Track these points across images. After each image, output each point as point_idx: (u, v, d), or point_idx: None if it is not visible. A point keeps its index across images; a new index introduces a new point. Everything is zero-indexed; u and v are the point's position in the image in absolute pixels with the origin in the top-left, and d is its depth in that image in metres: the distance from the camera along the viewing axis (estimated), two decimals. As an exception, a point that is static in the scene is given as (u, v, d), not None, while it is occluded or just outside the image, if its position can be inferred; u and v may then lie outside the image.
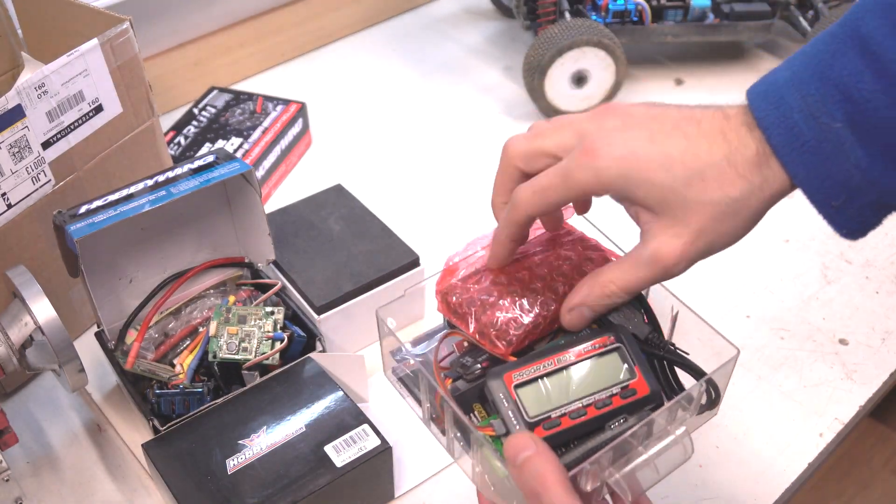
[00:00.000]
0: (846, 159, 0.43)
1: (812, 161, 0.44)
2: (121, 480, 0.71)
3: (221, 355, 0.71)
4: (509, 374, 0.49)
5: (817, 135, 0.43)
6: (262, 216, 0.76)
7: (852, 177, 0.43)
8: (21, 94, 0.68)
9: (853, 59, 0.42)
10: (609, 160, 0.46)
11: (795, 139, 0.43)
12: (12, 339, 0.65)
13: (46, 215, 0.72)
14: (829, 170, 0.44)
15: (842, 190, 0.44)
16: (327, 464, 0.64)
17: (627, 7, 1.10)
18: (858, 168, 0.43)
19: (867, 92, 0.41)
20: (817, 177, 0.44)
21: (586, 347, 0.50)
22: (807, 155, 0.44)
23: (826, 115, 0.43)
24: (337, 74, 1.21)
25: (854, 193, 0.44)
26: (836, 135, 0.43)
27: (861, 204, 0.45)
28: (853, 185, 0.44)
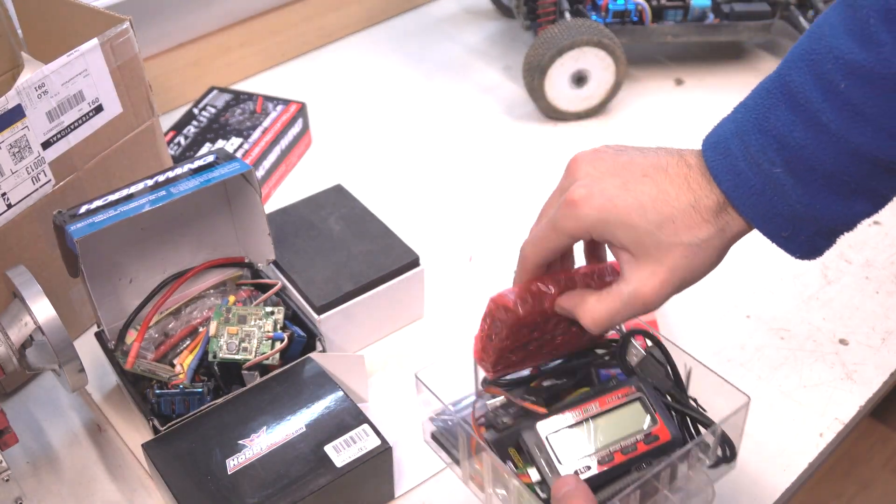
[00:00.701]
0: (788, 198, 0.48)
1: (759, 202, 0.49)
2: (121, 480, 0.71)
3: (221, 355, 0.71)
4: (542, 425, 0.55)
5: (761, 180, 0.49)
6: (262, 216, 0.76)
7: (796, 212, 0.49)
8: (21, 94, 0.68)
9: (785, 112, 0.48)
10: (588, 208, 0.51)
11: (743, 185, 0.49)
12: (12, 339, 0.65)
13: (46, 215, 0.72)
14: (775, 208, 0.49)
15: (788, 223, 0.49)
16: (327, 464, 0.64)
17: (627, 7, 1.10)
18: (800, 204, 0.48)
19: (800, 139, 0.47)
20: (765, 215, 0.49)
21: (611, 398, 0.56)
22: (754, 197, 0.49)
23: (767, 162, 0.48)
24: (337, 74, 1.21)
25: (800, 225, 0.49)
26: (777, 178, 0.48)
27: (809, 234, 0.50)
28: (797, 218, 0.49)
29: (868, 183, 0.47)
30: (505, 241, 0.92)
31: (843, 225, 0.50)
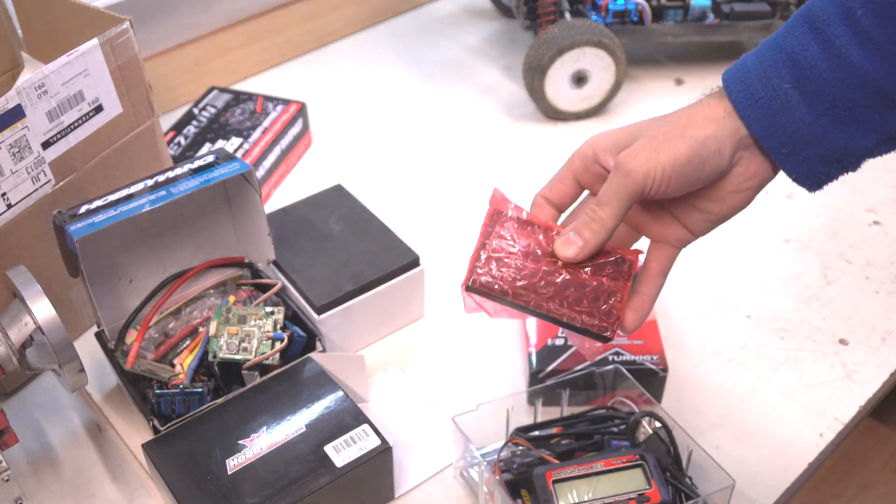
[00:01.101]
0: (793, 114, 0.50)
1: (764, 115, 0.51)
2: (121, 481, 0.71)
3: (221, 355, 0.71)
4: (550, 472, 0.62)
5: (768, 93, 0.51)
6: (262, 216, 0.76)
7: (798, 129, 0.50)
8: (21, 94, 0.68)
9: (803, 32, 0.50)
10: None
11: (751, 95, 0.52)
12: (12, 339, 0.65)
13: (46, 215, 0.72)
14: (778, 122, 0.51)
15: (789, 140, 0.51)
16: (327, 464, 0.64)
17: (627, 7, 1.10)
18: (803, 123, 0.50)
19: (812, 59, 0.49)
20: (768, 128, 0.51)
21: (616, 461, 0.62)
22: (760, 110, 0.51)
23: (776, 77, 0.51)
24: (337, 74, 1.21)
25: (800, 144, 0.51)
26: (785, 94, 0.50)
27: (808, 155, 0.51)
28: (799, 137, 0.51)
29: (871, 115, 0.49)
30: (505, 241, 0.92)
31: (842, 154, 0.51)
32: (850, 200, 0.97)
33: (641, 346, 0.75)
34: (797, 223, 0.94)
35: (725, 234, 0.93)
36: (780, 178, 0.55)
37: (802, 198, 0.97)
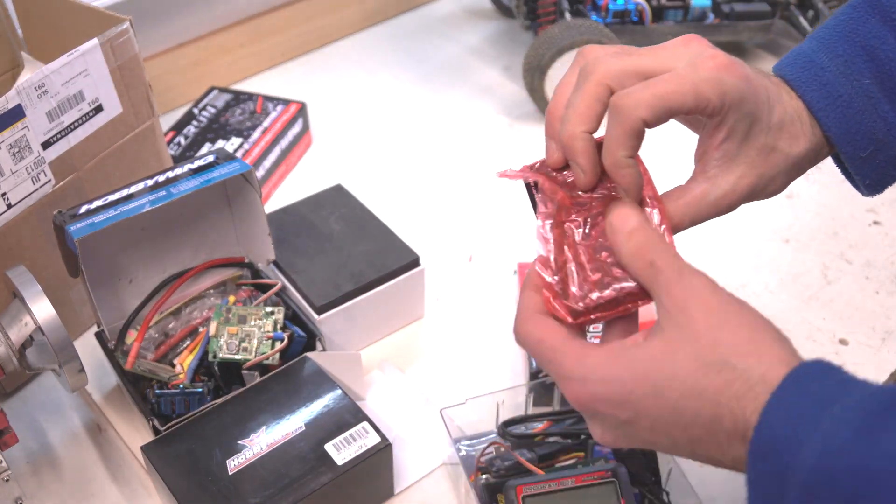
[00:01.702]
0: (874, 112, 0.47)
1: (845, 115, 0.47)
2: (121, 481, 0.71)
3: (221, 355, 0.71)
4: (521, 487, 0.62)
5: (849, 90, 0.47)
6: (262, 216, 0.76)
7: (879, 129, 0.47)
8: (21, 94, 0.68)
9: (876, 24, 0.46)
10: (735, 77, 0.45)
11: (831, 94, 0.47)
12: (12, 339, 0.65)
13: (46, 215, 0.72)
14: (859, 123, 0.47)
15: (870, 142, 0.47)
16: (328, 462, 0.64)
17: (627, 7, 1.10)
18: (885, 121, 0.47)
19: (891, 52, 0.46)
20: (849, 131, 0.47)
21: (587, 477, 0.62)
22: (840, 109, 0.47)
23: (856, 73, 0.47)
24: (337, 74, 1.21)
25: (880, 146, 0.48)
26: (867, 90, 0.47)
27: (886, 157, 0.48)
28: (879, 137, 0.47)
29: None
30: (505, 241, 0.92)
31: None
32: (850, 200, 0.97)
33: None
34: (797, 223, 0.94)
35: (725, 234, 0.93)
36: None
37: (802, 198, 0.97)
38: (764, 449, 0.39)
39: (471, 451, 0.70)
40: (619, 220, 0.45)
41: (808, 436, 0.37)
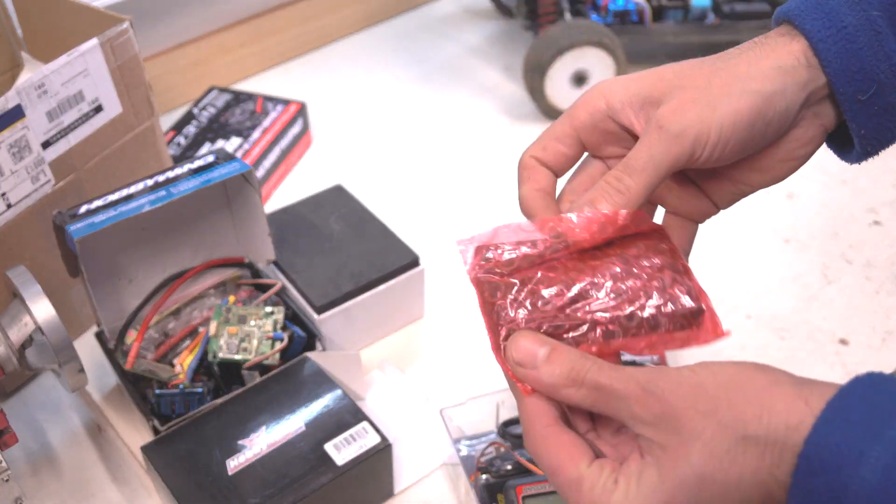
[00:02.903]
0: (880, 48, 0.42)
1: (847, 48, 0.42)
2: (121, 481, 0.71)
3: (221, 355, 0.71)
4: (521, 487, 0.61)
5: (855, 20, 0.42)
6: (262, 216, 0.76)
7: (882, 70, 0.43)
8: (21, 94, 0.68)
9: None
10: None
11: (832, 23, 0.43)
12: (12, 339, 0.65)
13: (46, 215, 0.72)
14: (861, 60, 0.42)
15: (870, 82, 0.43)
16: (328, 462, 0.64)
17: (628, 7, 1.10)
18: (890, 61, 0.42)
19: None
20: (849, 66, 0.43)
21: None
22: (843, 42, 0.42)
23: (864, 3, 0.43)
24: (337, 74, 1.21)
25: (881, 90, 0.43)
26: (874, 23, 0.42)
27: (886, 103, 0.43)
28: (882, 79, 0.43)
29: None
30: (505, 241, 0.92)
31: None
32: (850, 200, 0.97)
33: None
34: (797, 223, 0.94)
35: (725, 234, 0.93)
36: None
37: (802, 198, 0.97)
38: (815, 464, 0.35)
39: (471, 451, 0.70)
40: (524, 354, 0.42)
41: (869, 447, 0.33)
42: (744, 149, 0.43)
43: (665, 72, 0.45)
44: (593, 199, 0.42)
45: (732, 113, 0.41)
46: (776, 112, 0.42)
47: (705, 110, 0.41)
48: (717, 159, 0.43)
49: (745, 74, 0.42)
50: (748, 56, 0.44)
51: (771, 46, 0.44)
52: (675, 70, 0.45)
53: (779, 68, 0.43)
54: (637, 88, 0.45)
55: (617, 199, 0.42)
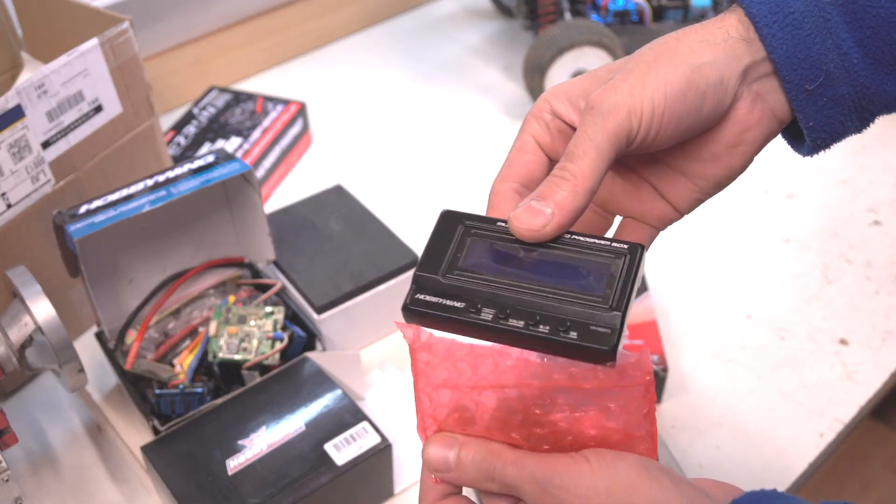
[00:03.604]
0: (829, 37, 0.41)
1: (793, 35, 0.41)
2: (121, 481, 0.71)
3: (221, 355, 0.71)
4: None
5: (803, 7, 0.41)
6: (262, 216, 0.76)
7: (831, 59, 0.41)
8: (21, 93, 0.68)
9: None
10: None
11: (779, 9, 0.41)
12: (12, 339, 0.65)
13: (46, 215, 0.72)
14: (808, 48, 0.41)
15: (818, 72, 0.41)
16: (328, 462, 0.64)
17: (627, 7, 1.10)
18: (839, 50, 0.41)
19: None
20: (795, 53, 0.41)
21: None
22: (789, 28, 0.41)
23: None
24: (337, 74, 1.21)
25: (829, 80, 0.41)
26: (824, 10, 0.41)
27: (835, 95, 0.42)
28: (830, 69, 0.41)
29: None
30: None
31: (869, 101, 0.42)
32: (850, 200, 0.97)
33: (641, 347, 0.75)
34: (797, 223, 0.94)
35: (725, 234, 0.93)
36: (780, 177, 0.54)
37: (802, 198, 0.97)
38: None
39: None
40: (437, 461, 0.41)
41: None
42: (682, 124, 0.41)
43: (602, 70, 0.44)
44: (541, 195, 0.40)
45: (662, 84, 0.40)
46: (708, 83, 0.41)
47: (635, 87, 0.40)
48: (658, 136, 0.41)
49: (673, 50, 0.41)
50: (678, 34, 0.43)
51: (703, 24, 0.43)
52: (611, 66, 0.44)
53: (706, 41, 0.42)
54: (577, 87, 0.44)
55: (564, 188, 0.40)
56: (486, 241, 0.42)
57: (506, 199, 0.44)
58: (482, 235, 0.42)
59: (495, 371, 0.40)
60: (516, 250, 0.41)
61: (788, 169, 1.00)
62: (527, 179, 0.44)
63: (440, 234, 0.43)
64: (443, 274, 0.41)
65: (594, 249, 0.40)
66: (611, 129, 0.40)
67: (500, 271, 0.40)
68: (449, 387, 0.41)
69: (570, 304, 0.38)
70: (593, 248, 0.40)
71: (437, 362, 0.42)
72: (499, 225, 0.42)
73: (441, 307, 0.40)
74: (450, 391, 0.41)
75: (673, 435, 0.73)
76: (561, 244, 0.40)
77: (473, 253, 0.41)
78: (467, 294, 0.40)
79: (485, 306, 0.40)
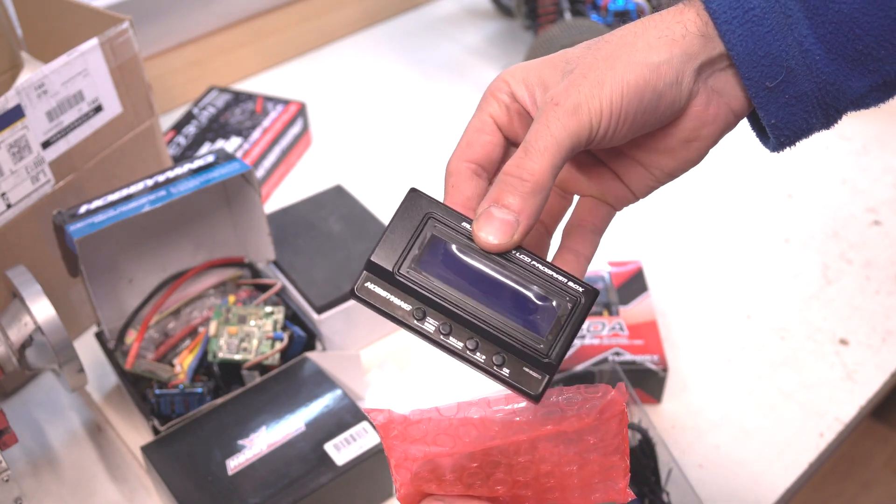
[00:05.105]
0: (789, 33, 0.40)
1: (752, 31, 0.40)
2: (121, 481, 0.71)
3: (221, 355, 0.71)
4: None
5: (763, 2, 0.40)
6: (262, 216, 0.76)
7: (792, 56, 0.41)
8: (21, 93, 0.68)
9: None
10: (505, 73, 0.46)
11: (739, 5, 0.41)
12: (12, 339, 0.65)
13: (46, 215, 0.72)
14: (769, 44, 0.40)
15: (778, 69, 0.41)
16: (328, 462, 0.64)
17: (628, 7, 1.10)
18: (800, 47, 0.40)
19: None
20: (755, 49, 0.41)
21: None
22: (748, 25, 0.40)
23: None
24: (337, 74, 1.21)
25: (791, 76, 0.41)
26: (785, 6, 0.40)
27: (798, 92, 0.41)
28: (791, 66, 0.41)
29: (880, 50, 0.40)
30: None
31: (833, 98, 0.42)
32: (850, 200, 0.97)
33: (641, 346, 0.75)
34: (797, 223, 0.94)
35: (725, 234, 0.93)
36: (780, 177, 0.54)
37: (802, 198, 0.97)
38: None
39: None
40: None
41: None
42: (638, 122, 0.41)
43: (558, 57, 0.44)
44: (497, 198, 0.40)
45: (620, 84, 0.40)
46: (666, 82, 0.40)
47: (594, 86, 0.40)
48: (615, 134, 0.41)
49: (632, 45, 0.41)
50: (637, 27, 0.42)
51: (662, 16, 0.42)
52: (568, 55, 0.43)
53: (664, 37, 0.41)
54: (534, 71, 0.44)
55: (522, 189, 0.39)
56: (446, 241, 0.41)
57: (464, 178, 0.44)
58: (444, 234, 0.41)
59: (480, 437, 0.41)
60: (474, 257, 0.40)
61: (788, 169, 1.00)
62: (484, 160, 0.44)
63: (403, 219, 0.42)
64: (397, 267, 0.40)
65: (550, 282, 0.40)
66: (573, 128, 0.39)
67: (452, 280, 0.40)
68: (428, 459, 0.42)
69: (510, 338, 0.39)
70: (549, 281, 0.40)
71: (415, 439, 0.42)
72: (463, 226, 0.41)
73: (388, 304, 0.40)
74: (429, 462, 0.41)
75: (673, 435, 0.73)
76: (519, 264, 0.40)
77: (431, 252, 0.41)
78: (416, 296, 0.40)
79: (430, 315, 0.40)
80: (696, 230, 0.93)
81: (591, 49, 0.42)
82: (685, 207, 0.96)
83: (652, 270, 0.86)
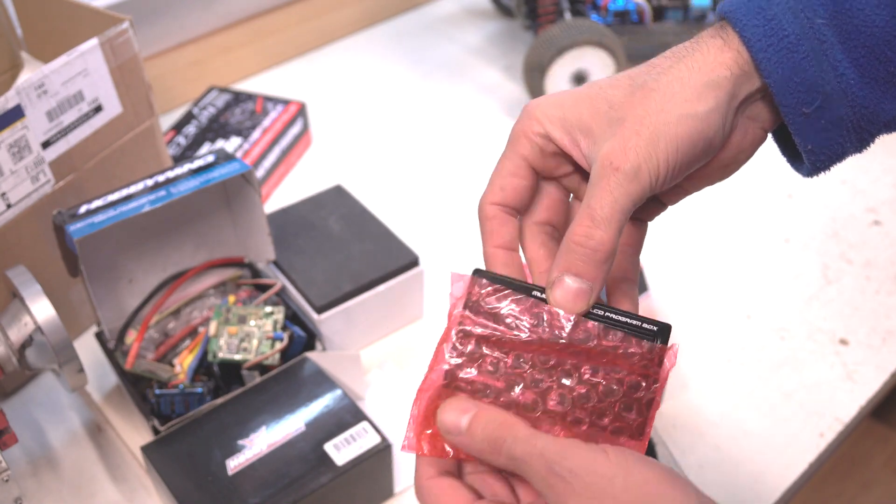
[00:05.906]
0: (824, 59, 0.41)
1: (788, 58, 0.41)
2: (121, 481, 0.71)
3: (221, 355, 0.71)
4: None
5: (798, 28, 0.41)
6: (262, 216, 0.76)
7: (828, 81, 0.41)
8: (21, 93, 0.68)
9: None
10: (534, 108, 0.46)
11: (773, 31, 0.41)
12: (12, 339, 0.65)
13: (46, 215, 0.72)
14: (804, 71, 0.41)
15: (815, 95, 0.41)
16: (328, 462, 0.64)
17: (627, 7, 1.10)
18: (835, 72, 0.41)
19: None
20: (791, 76, 0.41)
21: None
22: (784, 52, 0.41)
23: (808, 10, 0.41)
24: (337, 74, 1.21)
25: (827, 102, 0.41)
26: (819, 31, 0.40)
27: (833, 117, 0.42)
28: (827, 91, 0.41)
29: None
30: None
31: (867, 121, 0.42)
32: (850, 200, 0.97)
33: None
34: (797, 223, 0.94)
35: (725, 234, 0.93)
36: (780, 177, 0.54)
37: (802, 198, 0.97)
38: None
39: None
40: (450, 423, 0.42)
41: None
42: (689, 168, 0.43)
43: (597, 97, 0.43)
44: (569, 267, 0.41)
45: (675, 139, 0.41)
46: (715, 130, 0.42)
47: (650, 143, 0.41)
48: (667, 184, 0.42)
49: (680, 96, 0.41)
50: (679, 72, 0.42)
51: (703, 55, 0.42)
52: (608, 98, 0.43)
53: (710, 83, 0.42)
54: (570, 114, 0.44)
55: (595, 259, 0.41)
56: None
57: (501, 223, 0.45)
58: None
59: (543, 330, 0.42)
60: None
61: (788, 169, 1.00)
62: (518, 203, 0.45)
63: None
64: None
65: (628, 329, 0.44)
66: (636, 192, 0.40)
67: None
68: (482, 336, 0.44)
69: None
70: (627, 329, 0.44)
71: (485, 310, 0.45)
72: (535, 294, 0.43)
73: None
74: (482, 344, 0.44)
75: (673, 435, 0.73)
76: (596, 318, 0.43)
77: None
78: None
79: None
80: (696, 230, 0.93)
81: (637, 96, 0.42)
82: (685, 207, 0.96)
83: (652, 270, 0.86)
